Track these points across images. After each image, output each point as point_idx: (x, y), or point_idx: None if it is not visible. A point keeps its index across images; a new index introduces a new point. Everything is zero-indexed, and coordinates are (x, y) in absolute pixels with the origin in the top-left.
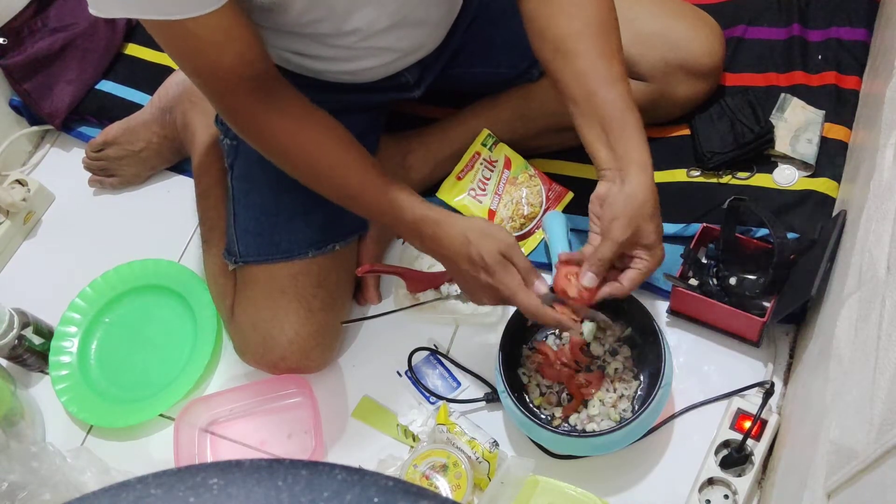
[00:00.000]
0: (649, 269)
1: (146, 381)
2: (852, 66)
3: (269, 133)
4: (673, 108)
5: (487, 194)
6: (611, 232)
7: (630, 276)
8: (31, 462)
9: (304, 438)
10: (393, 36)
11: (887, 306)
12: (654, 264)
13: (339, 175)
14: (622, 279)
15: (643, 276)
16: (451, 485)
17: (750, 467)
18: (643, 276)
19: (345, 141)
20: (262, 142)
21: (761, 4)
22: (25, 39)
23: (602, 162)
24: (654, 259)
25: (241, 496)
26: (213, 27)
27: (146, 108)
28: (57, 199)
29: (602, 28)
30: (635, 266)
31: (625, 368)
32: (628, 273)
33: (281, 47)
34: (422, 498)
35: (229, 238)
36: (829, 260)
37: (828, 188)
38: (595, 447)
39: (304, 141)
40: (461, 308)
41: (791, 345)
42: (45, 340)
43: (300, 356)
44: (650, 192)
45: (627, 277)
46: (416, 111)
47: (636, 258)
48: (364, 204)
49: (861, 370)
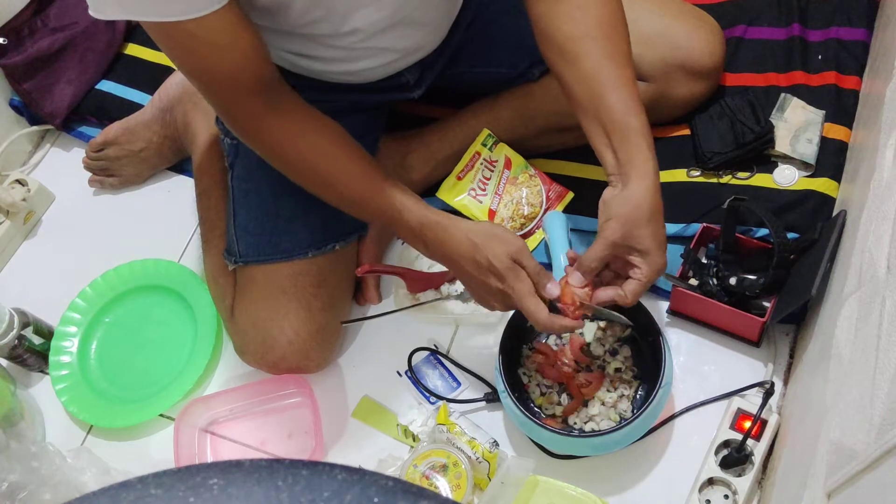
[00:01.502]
0: (647, 277)
1: (146, 381)
2: (852, 66)
3: (270, 138)
4: (673, 108)
5: (487, 194)
6: (603, 231)
7: (629, 286)
8: (31, 462)
9: (304, 438)
10: (393, 36)
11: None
12: (650, 272)
13: (342, 181)
14: (625, 288)
15: (641, 285)
16: (451, 485)
17: (750, 467)
18: (641, 286)
19: (347, 146)
20: (264, 146)
21: (761, 4)
22: (25, 39)
23: (608, 167)
24: (649, 267)
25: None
26: (214, 30)
27: (146, 108)
28: (57, 199)
29: (609, 31)
30: (633, 275)
31: (625, 368)
32: (627, 283)
33: (280, 48)
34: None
35: (229, 238)
36: (829, 260)
37: (828, 188)
38: (595, 447)
39: (305, 146)
40: (461, 308)
41: (791, 345)
42: (45, 340)
43: (300, 356)
44: (648, 196)
45: (629, 288)
46: (416, 111)
47: (634, 266)
48: (367, 210)
49: (861, 370)
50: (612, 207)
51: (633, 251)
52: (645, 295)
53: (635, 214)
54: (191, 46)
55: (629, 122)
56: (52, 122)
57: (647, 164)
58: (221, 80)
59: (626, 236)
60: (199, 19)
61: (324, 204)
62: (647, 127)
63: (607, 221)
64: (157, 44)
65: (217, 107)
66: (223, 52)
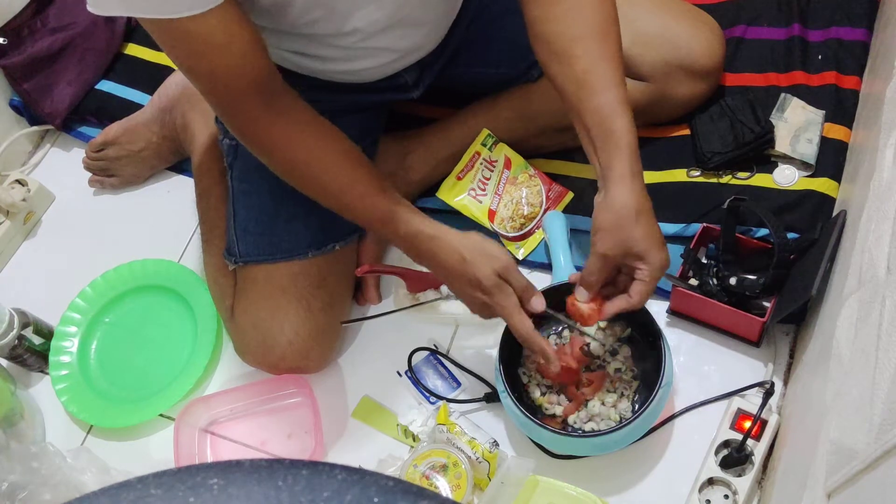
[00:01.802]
0: (652, 276)
1: (146, 381)
2: (852, 66)
3: (267, 140)
4: (673, 108)
5: (487, 194)
6: (595, 245)
7: (636, 288)
8: (31, 462)
9: (304, 438)
10: (392, 36)
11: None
12: (654, 270)
13: (336, 187)
14: (631, 290)
15: (647, 285)
16: (451, 485)
17: (750, 467)
18: (648, 286)
19: (344, 150)
20: (260, 148)
21: (761, 4)
22: (25, 39)
23: (595, 172)
24: (651, 266)
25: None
26: (211, 28)
27: (146, 108)
28: (57, 199)
29: (601, 34)
30: (638, 277)
31: (625, 368)
32: (634, 285)
33: (280, 47)
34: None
35: (229, 238)
36: (829, 260)
37: (828, 188)
38: (595, 447)
39: (301, 150)
40: (461, 308)
41: (791, 345)
42: (45, 340)
43: (300, 356)
44: (629, 200)
45: (635, 290)
46: (416, 111)
47: (636, 268)
48: (359, 215)
49: (861, 370)
50: (597, 218)
51: (629, 256)
52: None
53: (619, 221)
54: (188, 44)
55: (610, 126)
56: (52, 123)
57: (625, 167)
58: (219, 79)
59: (617, 245)
60: (197, 17)
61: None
62: (628, 129)
63: (596, 234)
64: (156, 40)
65: (215, 106)
66: (221, 50)
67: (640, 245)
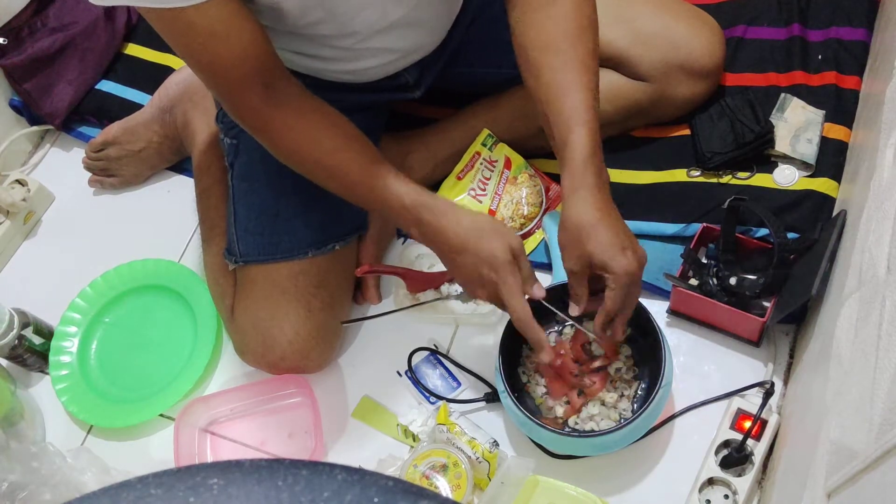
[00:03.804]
0: (617, 283)
1: (146, 381)
2: (852, 66)
3: (272, 128)
4: (673, 108)
5: (487, 194)
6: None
7: (608, 295)
8: (31, 462)
9: (304, 438)
10: (393, 36)
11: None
12: (618, 277)
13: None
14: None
15: (616, 292)
16: (451, 485)
17: (750, 467)
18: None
19: (350, 136)
20: (265, 136)
21: (761, 4)
22: (25, 39)
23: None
24: (614, 274)
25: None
26: (215, 17)
27: (146, 108)
28: (57, 199)
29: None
30: (607, 285)
31: (625, 368)
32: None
33: (280, 46)
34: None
35: (230, 238)
36: (829, 260)
37: (828, 188)
38: (595, 447)
39: (307, 138)
40: (461, 308)
41: (791, 345)
42: (45, 340)
43: (300, 356)
44: (582, 211)
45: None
46: (417, 111)
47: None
48: (363, 192)
49: (861, 370)
50: (559, 236)
51: (595, 267)
52: (645, 295)
53: (574, 235)
54: (191, 35)
55: (565, 137)
56: (52, 123)
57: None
58: (222, 69)
59: (579, 259)
60: (199, 7)
61: (324, 204)
62: (584, 139)
63: (561, 251)
64: (158, 32)
65: (219, 96)
66: (223, 41)
67: (599, 256)
